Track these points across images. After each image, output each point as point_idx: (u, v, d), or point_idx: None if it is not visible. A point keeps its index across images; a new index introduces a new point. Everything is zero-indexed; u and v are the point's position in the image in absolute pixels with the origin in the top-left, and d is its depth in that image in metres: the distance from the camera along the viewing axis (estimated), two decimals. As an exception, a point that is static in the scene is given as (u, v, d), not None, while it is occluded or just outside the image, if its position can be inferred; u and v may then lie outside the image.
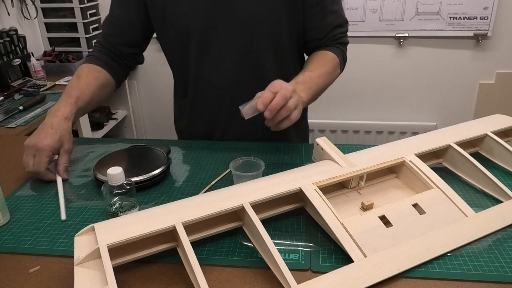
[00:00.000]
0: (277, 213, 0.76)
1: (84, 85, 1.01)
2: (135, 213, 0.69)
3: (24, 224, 0.79)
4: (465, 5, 2.13)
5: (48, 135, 0.90)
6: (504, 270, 0.65)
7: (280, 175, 0.79)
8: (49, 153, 0.90)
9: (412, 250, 0.67)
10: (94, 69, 1.06)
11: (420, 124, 2.41)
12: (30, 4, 2.28)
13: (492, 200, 0.82)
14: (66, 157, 0.93)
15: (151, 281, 0.65)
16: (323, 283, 0.61)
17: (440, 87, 2.35)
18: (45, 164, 0.90)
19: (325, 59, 1.05)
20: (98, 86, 1.05)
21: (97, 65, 1.07)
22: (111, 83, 1.10)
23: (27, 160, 0.89)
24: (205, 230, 0.70)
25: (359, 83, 2.35)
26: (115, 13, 1.08)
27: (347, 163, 0.81)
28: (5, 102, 1.81)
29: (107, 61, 1.09)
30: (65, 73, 2.18)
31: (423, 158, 0.85)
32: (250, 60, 1.04)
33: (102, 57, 1.09)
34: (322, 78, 0.99)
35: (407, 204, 0.75)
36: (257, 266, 0.67)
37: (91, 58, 1.09)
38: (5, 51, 1.99)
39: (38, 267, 0.68)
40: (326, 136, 0.89)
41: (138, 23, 1.07)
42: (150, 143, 1.07)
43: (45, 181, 0.92)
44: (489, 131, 0.93)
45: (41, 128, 0.92)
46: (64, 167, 0.92)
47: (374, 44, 2.28)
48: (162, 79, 2.50)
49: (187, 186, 0.90)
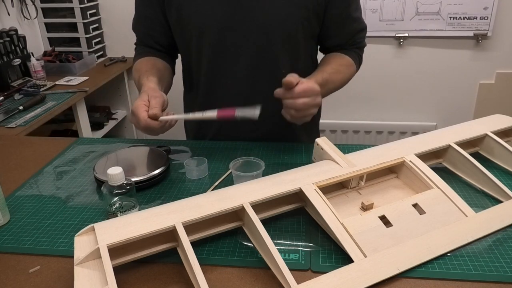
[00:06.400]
0: (277, 213, 0.76)
1: (149, 72, 1.02)
2: (135, 213, 0.69)
3: (24, 224, 0.79)
4: (465, 5, 2.13)
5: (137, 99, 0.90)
6: (504, 270, 0.65)
7: (280, 175, 0.79)
8: (143, 107, 0.86)
9: (412, 250, 0.67)
10: (148, 59, 1.09)
11: (420, 124, 2.41)
12: (30, 4, 2.28)
13: (492, 200, 0.82)
14: (153, 101, 0.88)
15: (151, 281, 0.65)
16: (323, 283, 0.61)
17: (440, 87, 2.35)
18: (145, 114, 0.85)
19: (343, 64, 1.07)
20: (161, 68, 1.07)
21: (147, 56, 1.10)
22: (168, 66, 1.12)
23: (134, 121, 0.87)
24: (205, 230, 0.70)
25: (359, 83, 2.33)
26: (142, 14, 1.10)
27: (347, 163, 0.81)
28: (5, 102, 1.81)
29: (153, 53, 1.11)
30: (65, 73, 2.18)
31: (423, 158, 0.85)
32: (265, 63, 1.03)
33: (148, 51, 1.12)
34: (335, 85, 1.04)
35: (407, 204, 0.75)
36: (257, 266, 0.67)
37: (139, 56, 1.11)
38: (5, 51, 1.99)
39: (38, 267, 0.68)
40: (326, 136, 0.89)
41: (165, 21, 1.08)
42: (150, 143, 1.07)
43: (45, 181, 0.93)
44: (489, 131, 0.93)
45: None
46: (154, 108, 0.87)
47: (374, 44, 2.28)
48: (162, 79, 2.50)
49: (187, 186, 0.90)
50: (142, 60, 1.09)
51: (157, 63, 1.08)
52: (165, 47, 1.13)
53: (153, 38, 1.12)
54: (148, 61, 1.08)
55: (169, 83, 1.10)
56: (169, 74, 1.12)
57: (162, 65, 1.09)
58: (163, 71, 1.07)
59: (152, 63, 1.07)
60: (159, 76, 1.02)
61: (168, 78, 1.10)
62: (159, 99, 0.88)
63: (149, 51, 1.12)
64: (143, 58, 1.09)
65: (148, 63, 1.07)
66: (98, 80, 2.13)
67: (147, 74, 1.00)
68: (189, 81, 1.17)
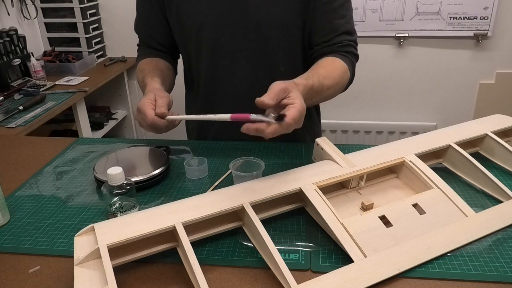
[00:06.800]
0: (277, 213, 0.76)
1: (152, 73, 1.04)
2: (135, 213, 0.69)
3: (24, 224, 0.79)
4: (465, 5, 2.13)
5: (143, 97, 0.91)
6: (504, 270, 0.65)
7: (280, 175, 0.79)
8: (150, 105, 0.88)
9: (412, 250, 0.67)
10: (151, 60, 1.10)
11: (420, 124, 2.41)
12: (30, 4, 2.28)
13: (492, 200, 0.82)
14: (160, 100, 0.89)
15: (151, 281, 0.65)
16: (323, 283, 0.61)
17: (440, 87, 2.35)
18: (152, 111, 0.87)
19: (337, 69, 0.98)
20: (163, 69, 1.08)
21: (150, 57, 1.11)
22: (170, 67, 1.14)
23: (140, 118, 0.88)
24: (205, 230, 0.70)
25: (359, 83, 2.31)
26: (143, 15, 1.11)
27: (347, 163, 0.81)
28: (5, 102, 1.81)
29: (156, 54, 1.13)
30: (65, 73, 2.18)
31: (423, 158, 0.85)
32: (263, 62, 1.03)
33: (150, 52, 1.13)
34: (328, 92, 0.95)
35: (407, 204, 0.75)
36: (257, 266, 0.67)
37: (142, 57, 1.12)
38: (5, 51, 1.99)
39: (38, 267, 0.68)
40: (326, 136, 0.89)
41: (166, 21, 1.09)
42: (150, 143, 1.07)
43: (45, 181, 0.93)
44: (489, 131, 0.93)
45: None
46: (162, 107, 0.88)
47: (374, 44, 2.28)
48: (162, 79, 2.50)
49: (187, 186, 0.90)
50: (145, 61, 1.10)
51: (160, 64, 1.09)
52: (167, 47, 1.14)
53: (154, 39, 1.13)
54: (151, 62, 1.09)
55: (171, 84, 1.11)
56: (172, 74, 1.13)
57: (164, 65, 1.10)
58: (165, 72, 1.08)
59: (155, 64, 1.08)
60: (162, 77, 1.04)
61: (171, 78, 1.11)
62: (166, 99, 0.90)
63: (151, 52, 1.13)
64: (146, 59, 1.10)
65: (151, 64, 1.08)
66: (98, 80, 2.13)
67: (151, 75, 1.01)
68: (190, 81, 1.17)
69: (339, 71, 0.97)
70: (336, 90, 0.99)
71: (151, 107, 0.87)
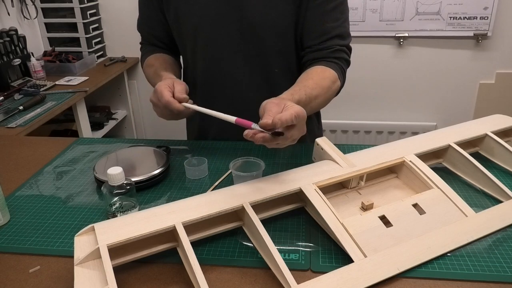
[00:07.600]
0: (277, 213, 0.76)
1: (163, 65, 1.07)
2: (135, 213, 0.69)
3: (24, 224, 0.79)
4: (465, 5, 2.13)
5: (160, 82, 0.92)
6: (504, 270, 0.65)
7: (280, 175, 0.79)
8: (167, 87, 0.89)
9: (412, 250, 0.67)
10: (158, 55, 1.12)
11: (420, 124, 2.41)
12: (30, 4, 2.28)
13: (492, 200, 0.82)
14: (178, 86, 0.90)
15: (151, 281, 0.65)
16: (323, 283, 0.61)
17: (440, 87, 2.35)
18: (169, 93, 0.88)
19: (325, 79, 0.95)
20: (171, 63, 1.11)
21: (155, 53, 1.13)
22: (176, 61, 1.16)
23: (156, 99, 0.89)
24: (205, 230, 0.70)
25: (359, 83, 2.34)
26: (145, 14, 1.13)
27: (347, 163, 0.81)
28: (5, 102, 1.81)
29: (160, 50, 1.15)
30: (65, 73, 2.18)
31: (423, 158, 0.85)
32: (259, 64, 1.04)
33: (154, 49, 1.15)
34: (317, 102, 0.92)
35: (407, 204, 0.75)
36: (257, 266, 0.67)
37: (148, 54, 1.14)
38: (5, 51, 1.99)
39: (38, 267, 0.68)
40: (326, 136, 0.89)
41: (166, 20, 1.10)
42: (150, 143, 1.07)
43: (45, 181, 0.93)
44: (489, 131, 0.93)
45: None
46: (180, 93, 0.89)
47: (374, 44, 2.28)
48: (162, 79, 2.50)
49: (187, 186, 0.90)
50: (152, 56, 1.12)
51: (167, 59, 1.12)
52: (169, 45, 1.16)
53: (156, 38, 1.14)
54: (159, 57, 1.12)
55: (180, 77, 1.14)
56: (179, 68, 1.16)
57: (172, 60, 1.13)
58: (174, 66, 1.11)
59: (163, 59, 1.11)
60: (173, 70, 1.07)
61: (179, 72, 1.15)
62: (183, 85, 0.92)
63: (156, 49, 1.15)
64: (153, 55, 1.13)
65: (159, 59, 1.11)
66: (98, 80, 2.13)
67: (163, 67, 1.05)
68: (188, 81, 1.17)
69: (328, 81, 0.95)
70: (326, 100, 0.97)
71: (168, 90, 0.88)
